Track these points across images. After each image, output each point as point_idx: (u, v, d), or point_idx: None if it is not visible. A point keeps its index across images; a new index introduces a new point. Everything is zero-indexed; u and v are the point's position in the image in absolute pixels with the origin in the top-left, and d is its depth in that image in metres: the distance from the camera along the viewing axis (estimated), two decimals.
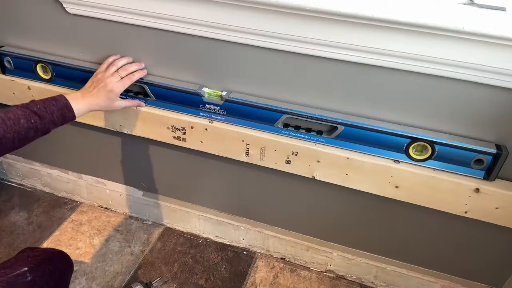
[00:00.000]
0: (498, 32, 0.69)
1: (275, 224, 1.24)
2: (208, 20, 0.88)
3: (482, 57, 0.74)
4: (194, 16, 0.88)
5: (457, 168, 0.89)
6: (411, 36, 0.76)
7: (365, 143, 0.92)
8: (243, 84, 0.97)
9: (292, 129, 0.96)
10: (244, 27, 0.86)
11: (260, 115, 0.97)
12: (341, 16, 0.76)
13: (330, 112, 0.92)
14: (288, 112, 0.94)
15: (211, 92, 1.00)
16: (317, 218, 1.16)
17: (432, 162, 0.89)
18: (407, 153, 0.90)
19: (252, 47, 0.90)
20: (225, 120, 1.01)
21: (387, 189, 0.94)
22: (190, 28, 0.91)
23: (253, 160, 1.02)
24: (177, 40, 0.95)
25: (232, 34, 0.89)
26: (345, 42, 0.81)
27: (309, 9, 0.76)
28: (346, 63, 0.85)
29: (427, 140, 0.87)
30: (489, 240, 1.01)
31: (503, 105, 0.81)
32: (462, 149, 0.86)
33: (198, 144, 1.05)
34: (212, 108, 1.00)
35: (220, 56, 0.95)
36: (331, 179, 0.98)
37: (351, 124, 0.90)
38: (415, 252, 1.12)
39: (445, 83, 0.81)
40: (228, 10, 0.84)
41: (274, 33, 0.84)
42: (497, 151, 0.84)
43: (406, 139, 0.89)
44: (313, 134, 0.95)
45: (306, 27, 0.81)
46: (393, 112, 0.89)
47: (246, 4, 0.81)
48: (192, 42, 0.94)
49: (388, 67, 0.82)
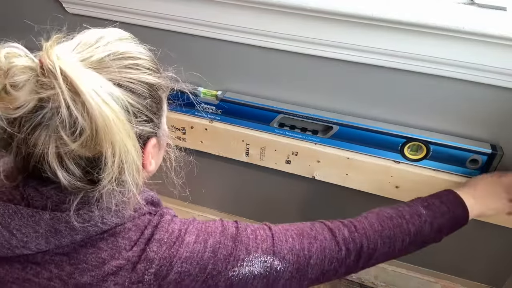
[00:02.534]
0: (499, 32, 0.69)
1: (275, 224, 1.24)
2: (208, 20, 0.88)
3: (482, 56, 0.74)
4: (194, 16, 0.88)
5: (452, 168, 0.89)
6: (411, 36, 0.75)
7: (361, 142, 0.92)
8: (241, 83, 0.97)
9: (287, 128, 0.96)
10: (244, 26, 0.86)
11: (256, 114, 0.97)
12: (341, 15, 0.76)
13: (325, 112, 0.92)
14: (283, 112, 0.93)
15: (206, 92, 0.99)
16: (317, 218, 1.16)
17: (427, 162, 0.89)
18: (402, 153, 0.90)
19: (252, 47, 0.90)
20: (220, 120, 1.01)
21: (387, 189, 0.94)
22: (190, 28, 0.91)
23: (253, 160, 1.02)
24: (177, 40, 0.95)
25: (231, 33, 0.88)
26: (345, 42, 0.81)
27: (309, 8, 0.76)
28: (346, 62, 0.85)
29: (422, 140, 0.87)
30: (489, 240, 1.01)
31: (500, 105, 0.81)
32: (457, 149, 0.86)
33: (198, 144, 1.05)
34: (208, 108, 1.00)
35: (219, 56, 0.94)
36: (331, 179, 0.98)
37: (346, 124, 0.90)
38: (415, 252, 1.12)
39: (445, 82, 0.81)
40: (228, 10, 0.84)
41: (274, 32, 0.84)
42: (492, 151, 0.84)
43: (401, 139, 0.88)
44: (309, 133, 0.95)
45: (306, 27, 0.81)
46: (391, 111, 0.89)
47: (246, 4, 0.81)
48: (192, 42, 0.94)
49: (388, 66, 0.82)
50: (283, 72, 0.92)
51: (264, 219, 1.26)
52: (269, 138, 0.97)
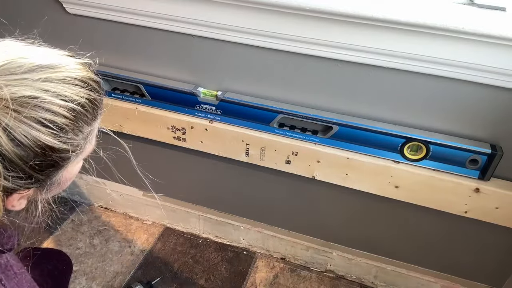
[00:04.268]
0: (498, 32, 0.69)
1: (275, 224, 1.24)
2: (207, 20, 0.88)
3: (482, 57, 0.74)
4: (194, 16, 0.88)
5: (452, 168, 0.89)
6: (411, 36, 0.76)
7: (360, 143, 0.92)
8: (241, 83, 0.97)
9: (287, 128, 0.96)
10: (243, 27, 0.86)
11: (256, 114, 0.97)
12: (341, 16, 0.76)
13: (325, 112, 0.93)
14: (283, 112, 0.94)
15: (206, 92, 1.00)
16: (317, 218, 1.16)
17: (427, 162, 0.89)
18: (402, 153, 0.90)
19: (252, 47, 0.90)
20: (220, 120, 1.01)
21: (387, 189, 0.94)
22: (190, 28, 0.91)
23: (253, 160, 1.02)
24: (177, 40, 0.95)
25: (231, 34, 0.89)
26: (344, 42, 0.81)
27: (309, 9, 0.76)
28: (345, 62, 0.85)
29: (421, 140, 0.87)
30: (489, 240, 1.01)
31: (499, 105, 0.81)
32: (457, 149, 0.86)
33: (198, 144, 1.05)
34: (208, 108, 1.00)
35: (219, 56, 0.95)
36: (331, 179, 0.98)
37: (345, 124, 0.90)
38: (415, 252, 1.12)
39: (444, 82, 0.81)
40: (228, 10, 0.84)
41: (273, 32, 0.84)
42: (491, 151, 0.84)
43: (401, 139, 0.89)
44: (309, 134, 0.95)
45: (305, 27, 0.81)
46: (391, 111, 0.89)
47: (246, 4, 0.81)
48: (191, 42, 0.94)
49: (387, 67, 0.82)
50: (282, 72, 0.92)
51: (264, 219, 1.27)
52: (269, 138, 0.97)
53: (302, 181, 1.06)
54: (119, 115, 1.07)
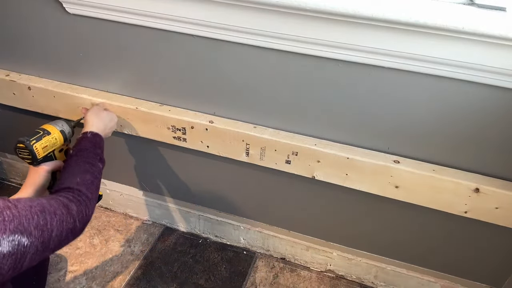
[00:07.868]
0: (498, 32, 0.69)
1: (275, 224, 1.24)
2: (208, 20, 0.88)
3: (482, 57, 0.74)
4: (194, 16, 0.88)
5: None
6: (411, 36, 0.76)
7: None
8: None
9: None
10: (243, 27, 0.86)
11: None
12: (341, 16, 0.76)
13: None
14: None
15: None
16: (317, 218, 1.16)
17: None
18: None
19: (251, 47, 0.90)
20: None
21: (387, 189, 0.94)
22: (190, 28, 0.91)
23: (253, 160, 1.02)
24: (177, 40, 0.95)
25: (231, 34, 0.88)
26: (345, 42, 0.81)
27: (309, 9, 0.76)
28: (345, 63, 0.85)
29: None
30: (489, 240, 1.01)
31: (499, 105, 0.81)
32: None
33: (198, 144, 1.05)
34: None
35: (219, 56, 0.94)
36: (331, 179, 0.98)
37: None
38: (415, 252, 1.12)
39: (444, 82, 0.81)
40: (228, 10, 0.84)
41: (273, 32, 0.84)
42: None
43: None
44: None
45: (305, 27, 0.81)
46: (391, 112, 0.89)
47: (246, 4, 0.81)
48: (192, 42, 0.94)
49: (387, 67, 0.82)
50: (282, 72, 0.92)
51: (264, 219, 1.26)
52: (269, 138, 0.97)
53: (302, 181, 1.06)
54: (119, 115, 1.07)
